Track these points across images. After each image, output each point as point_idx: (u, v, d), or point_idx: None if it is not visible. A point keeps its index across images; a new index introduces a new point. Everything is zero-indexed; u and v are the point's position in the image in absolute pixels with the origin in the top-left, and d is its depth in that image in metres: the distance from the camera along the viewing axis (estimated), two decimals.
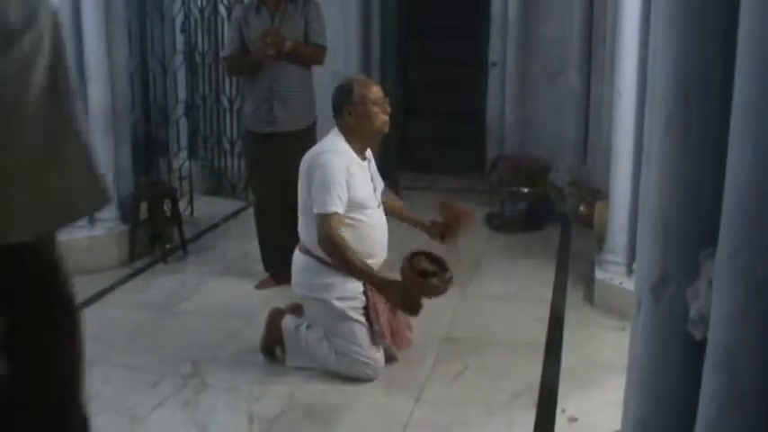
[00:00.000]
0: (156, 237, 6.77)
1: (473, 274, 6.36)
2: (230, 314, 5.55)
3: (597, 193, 7.00)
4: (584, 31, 8.32)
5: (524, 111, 8.94)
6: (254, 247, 6.56)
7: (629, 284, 5.03)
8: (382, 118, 4.62)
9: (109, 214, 6.28)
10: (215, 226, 7.71)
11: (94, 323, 4.98)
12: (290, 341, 4.82)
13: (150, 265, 6.57)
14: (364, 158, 4.66)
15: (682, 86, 1.33)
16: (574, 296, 5.87)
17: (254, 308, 5.58)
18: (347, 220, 4.50)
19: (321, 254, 4.54)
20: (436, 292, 4.52)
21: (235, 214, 8.09)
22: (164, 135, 7.86)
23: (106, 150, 6.31)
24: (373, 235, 4.64)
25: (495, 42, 9.02)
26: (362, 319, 4.59)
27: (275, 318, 4.94)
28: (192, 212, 7.73)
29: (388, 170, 8.35)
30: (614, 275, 5.48)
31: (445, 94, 9.59)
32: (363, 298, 4.60)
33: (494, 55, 9.04)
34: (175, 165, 7.70)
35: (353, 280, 4.56)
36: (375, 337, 4.59)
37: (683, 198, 1.37)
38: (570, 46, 8.46)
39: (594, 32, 8.13)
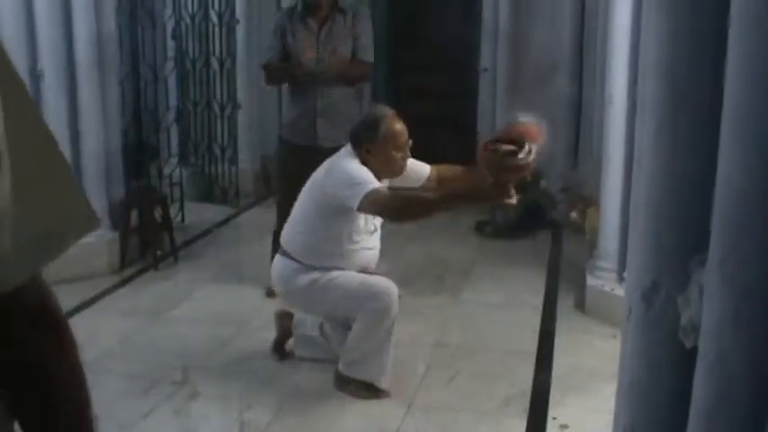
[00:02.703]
0: (147, 243, 6.75)
1: (464, 281, 6.36)
2: (221, 321, 5.54)
3: (589, 200, 7.00)
4: (575, 37, 8.33)
5: (515, 116, 8.93)
6: (245, 253, 6.55)
7: (621, 291, 5.03)
8: (401, 164, 4.47)
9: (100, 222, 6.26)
10: (206, 232, 7.69)
11: (85, 330, 4.93)
12: (302, 337, 4.93)
13: (141, 272, 6.55)
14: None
15: (671, 93, 1.33)
16: (565, 303, 5.87)
17: (245, 315, 5.57)
18: (347, 237, 4.43)
19: (313, 261, 4.49)
20: (524, 166, 4.19)
21: (226, 221, 8.08)
22: (155, 141, 7.85)
23: (97, 156, 6.29)
24: (361, 247, 4.55)
25: (485, 49, 9.03)
26: (345, 274, 4.51)
27: (283, 317, 4.95)
28: (182, 219, 7.71)
29: None
30: (605, 282, 5.48)
31: (435, 100, 9.59)
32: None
33: (484, 61, 9.05)
34: (166, 171, 7.68)
35: (336, 269, 4.48)
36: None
37: (673, 205, 1.37)
38: (561, 52, 8.47)
39: (585, 38, 8.14)
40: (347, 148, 4.50)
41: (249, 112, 8.73)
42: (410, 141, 4.51)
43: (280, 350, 4.96)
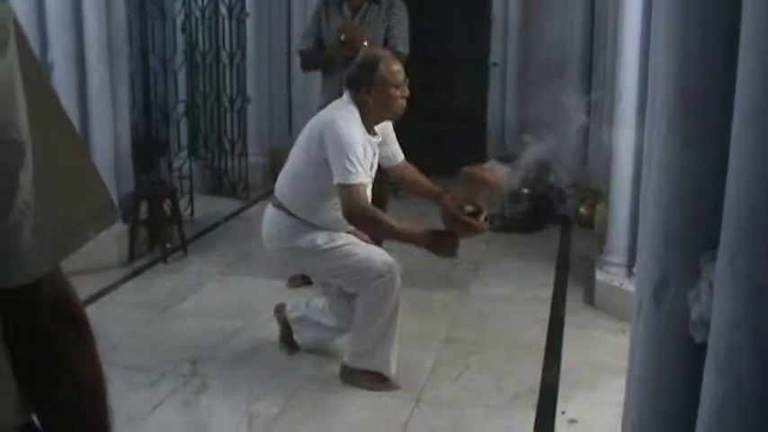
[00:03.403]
0: (157, 236, 6.76)
1: (473, 276, 6.36)
2: (230, 314, 5.55)
3: (598, 194, 6.99)
4: (586, 33, 8.33)
5: (525, 112, 8.94)
6: (254, 246, 6.55)
7: (630, 286, 5.03)
8: (400, 102, 4.47)
9: None
10: (215, 226, 7.70)
11: (94, 323, 4.97)
12: (295, 319, 4.90)
13: (150, 264, 6.56)
14: (374, 134, 4.49)
15: (683, 94, 1.33)
16: (574, 297, 5.86)
17: (254, 308, 5.58)
18: (331, 192, 4.35)
19: (304, 214, 4.44)
20: (480, 229, 4.42)
21: (235, 214, 8.08)
22: (164, 134, 7.85)
23: (106, 150, 6.30)
24: None
25: (496, 43, 9.03)
26: (343, 234, 4.50)
27: (280, 310, 4.96)
28: (192, 212, 7.72)
29: None
30: (615, 277, 5.48)
31: (446, 95, 9.58)
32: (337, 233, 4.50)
33: (495, 56, 9.04)
34: (176, 164, 7.69)
35: (328, 229, 4.46)
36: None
37: (684, 202, 1.37)
38: (571, 47, 8.46)
39: (596, 33, 8.13)
40: (346, 96, 4.48)
41: (259, 105, 8.74)
42: (407, 80, 4.53)
43: (287, 344, 4.97)
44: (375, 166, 4.55)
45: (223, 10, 8.36)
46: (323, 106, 5.14)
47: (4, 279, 1.18)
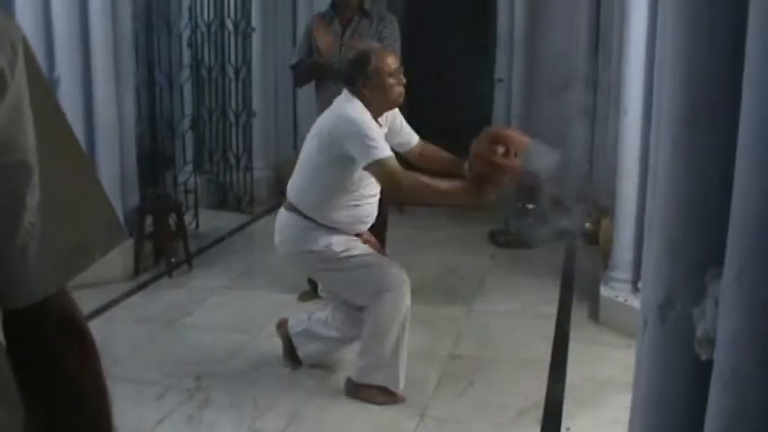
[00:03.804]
0: (161, 251, 6.77)
1: (478, 291, 6.36)
2: (235, 329, 5.55)
3: (603, 210, 6.99)
4: (591, 47, 8.34)
5: (530, 126, 8.94)
6: (259, 261, 6.55)
7: (635, 302, 5.02)
8: (398, 90, 4.49)
9: None
10: (220, 240, 7.71)
11: (98, 337, 4.95)
12: (298, 333, 4.89)
13: (155, 278, 6.57)
14: (380, 125, 4.48)
15: (688, 109, 1.32)
16: (579, 313, 5.85)
17: (259, 322, 5.58)
18: (349, 186, 4.41)
19: (310, 213, 4.45)
20: (515, 169, 4.26)
21: (240, 228, 8.10)
22: (169, 148, 7.86)
23: (112, 163, 6.32)
24: (364, 203, 4.53)
25: (501, 58, 9.04)
26: (353, 240, 4.51)
27: (282, 326, 4.96)
28: (197, 226, 7.73)
29: None
30: (619, 293, 5.47)
31: (450, 111, 9.58)
32: (353, 241, 4.52)
33: (500, 71, 9.06)
34: (181, 178, 7.70)
35: (339, 233, 4.47)
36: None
37: (689, 218, 1.37)
38: (576, 62, 8.48)
39: (601, 48, 8.14)
40: (345, 93, 4.49)
41: (264, 120, 8.76)
42: (401, 68, 4.55)
43: (291, 359, 4.96)
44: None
45: (229, 25, 8.39)
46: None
47: (10, 298, 1.19)
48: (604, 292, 5.60)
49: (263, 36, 8.68)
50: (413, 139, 4.79)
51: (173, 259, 6.72)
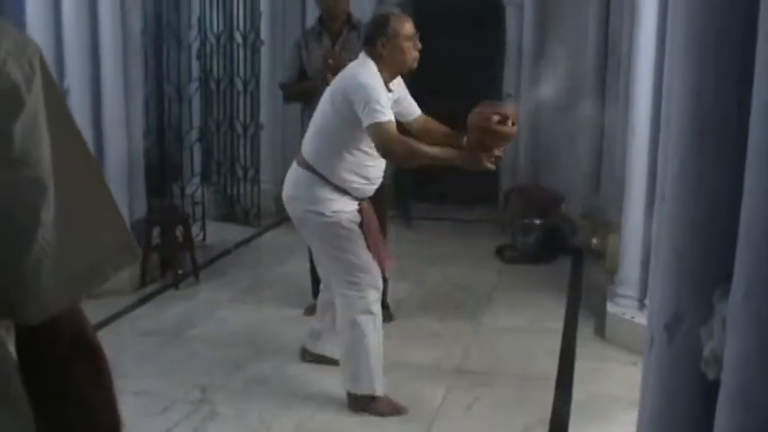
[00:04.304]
0: (168, 262, 6.78)
1: (485, 307, 6.35)
2: (241, 341, 5.55)
3: (610, 226, 6.99)
4: (599, 64, 8.35)
5: (537, 142, 8.96)
6: (266, 274, 6.56)
7: (641, 318, 5.01)
8: (413, 54, 4.62)
9: None
10: (227, 252, 7.71)
11: (104, 348, 4.96)
12: (315, 344, 5.14)
13: (161, 290, 6.57)
14: (390, 90, 4.60)
15: (696, 129, 1.32)
16: (585, 329, 5.84)
17: (265, 336, 5.58)
18: (359, 146, 4.50)
19: (322, 170, 4.55)
20: (510, 136, 4.48)
21: (247, 241, 8.10)
22: (177, 160, 7.88)
23: (120, 175, 6.34)
24: (373, 164, 4.62)
25: (509, 74, 9.05)
26: (355, 227, 4.59)
27: (304, 355, 5.22)
28: (204, 238, 7.74)
29: (402, 200, 8.37)
30: (626, 309, 5.46)
31: (459, 125, 9.56)
32: (358, 215, 4.61)
33: (508, 86, 9.06)
34: (188, 190, 7.71)
35: (350, 197, 4.58)
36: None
37: (697, 237, 1.37)
38: (584, 77, 8.48)
39: (609, 64, 8.14)
40: (362, 55, 4.62)
41: (272, 132, 8.77)
42: (418, 34, 4.66)
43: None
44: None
45: (238, 38, 8.41)
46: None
47: (24, 314, 1.19)
48: (611, 308, 5.59)
49: (271, 49, 8.69)
50: (414, 110, 4.92)
51: (179, 271, 6.73)
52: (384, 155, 4.42)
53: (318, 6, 6.08)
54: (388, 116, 4.33)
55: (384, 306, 5.47)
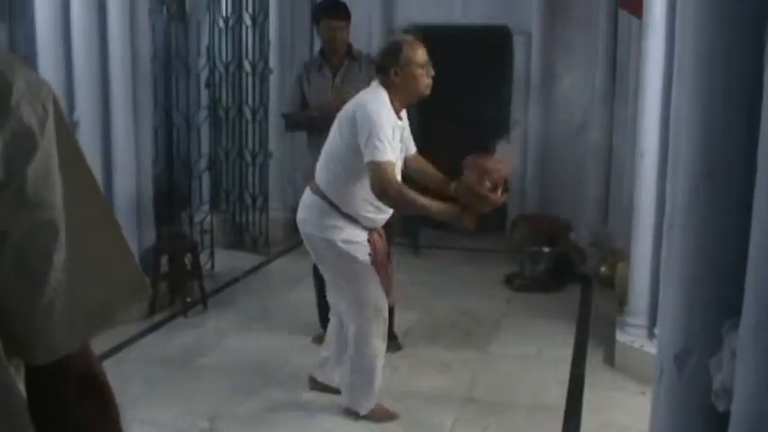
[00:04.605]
0: (177, 290, 6.78)
1: (493, 335, 6.33)
2: (249, 371, 5.53)
3: (619, 254, 6.97)
4: (607, 90, 8.37)
5: (546, 169, 8.96)
6: (274, 302, 6.54)
7: (651, 347, 4.99)
8: (426, 81, 4.62)
9: None
10: (235, 280, 7.71)
11: (112, 377, 4.92)
12: (323, 372, 5.13)
13: (170, 318, 6.56)
14: (400, 118, 4.61)
15: (705, 161, 1.33)
16: (594, 358, 5.81)
17: (274, 364, 5.56)
18: (362, 176, 4.45)
19: (333, 197, 4.56)
20: (496, 203, 4.42)
21: (255, 269, 8.10)
22: (186, 188, 7.90)
23: (129, 202, 6.36)
24: (378, 209, 4.61)
25: (517, 102, 9.07)
26: (367, 260, 4.58)
27: (313, 385, 5.19)
28: (212, 266, 7.74)
29: (410, 228, 8.37)
30: (635, 338, 5.44)
31: (467, 153, 9.55)
32: (368, 245, 4.60)
33: (516, 113, 9.08)
34: (197, 218, 7.72)
35: (360, 226, 4.58)
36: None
37: (706, 269, 1.36)
38: (592, 105, 8.50)
39: (617, 90, 8.16)
40: (375, 82, 4.63)
41: (280, 160, 8.78)
42: (431, 62, 4.66)
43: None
44: (404, 150, 4.71)
45: (247, 66, 8.45)
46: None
47: (34, 354, 1.20)
48: (620, 337, 5.57)
49: (280, 78, 8.72)
50: (411, 147, 4.90)
51: (188, 299, 6.72)
52: (377, 195, 4.38)
53: (320, 38, 6.12)
54: (388, 156, 4.33)
55: (392, 336, 5.47)
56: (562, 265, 7.71)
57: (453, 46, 8.87)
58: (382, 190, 4.34)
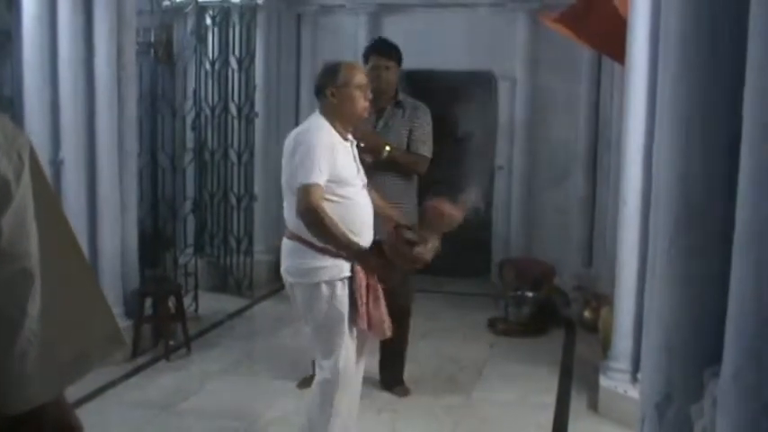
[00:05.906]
0: (160, 333, 6.75)
1: (476, 380, 6.31)
2: (233, 415, 5.49)
3: (602, 298, 6.98)
4: (590, 136, 8.45)
5: (530, 214, 9.00)
6: (258, 345, 6.51)
7: (634, 392, 4.99)
8: (363, 104, 4.55)
9: (113, 309, 6.26)
10: (219, 323, 7.68)
11: (93, 420, 4.92)
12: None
13: (153, 361, 6.52)
14: (346, 139, 4.54)
15: (685, 206, 1.34)
16: (578, 403, 5.80)
17: (255, 409, 5.53)
18: (332, 197, 4.36)
19: (304, 233, 4.40)
20: (419, 259, 4.31)
21: (239, 312, 8.07)
22: (171, 230, 7.89)
23: (113, 245, 6.35)
24: (359, 213, 4.49)
25: (501, 146, 9.12)
26: (346, 308, 4.43)
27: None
28: (196, 309, 7.71)
29: None
30: (619, 383, 5.43)
31: (450, 195, 9.57)
32: (347, 279, 4.44)
33: (500, 158, 9.12)
34: (181, 261, 7.71)
35: (341, 262, 4.41)
36: (356, 319, 4.46)
37: (687, 315, 1.37)
38: (576, 150, 8.56)
39: (600, 136, 8.23)
40: (315, 113, 4.58)
41: (265, 204, 8.78)
42: (369, 86, 4.62)
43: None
44: (360, 170, 4.61)
45: (233, 109, 8.49)
46: None
47: (8, 404, 1.19)
48: (604, 382, 5.57)
49: (266, 121, 8.76)
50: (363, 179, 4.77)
51: (171, 342, 6.69)
52: (299, 214, 4.33)
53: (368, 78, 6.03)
54: (314, 178, 4.27)
55: (399, 381, 5.46)
56: (546, 310, 7.72)
57: (438, 90, 8.94)
58: (305, 212, 4.28)
